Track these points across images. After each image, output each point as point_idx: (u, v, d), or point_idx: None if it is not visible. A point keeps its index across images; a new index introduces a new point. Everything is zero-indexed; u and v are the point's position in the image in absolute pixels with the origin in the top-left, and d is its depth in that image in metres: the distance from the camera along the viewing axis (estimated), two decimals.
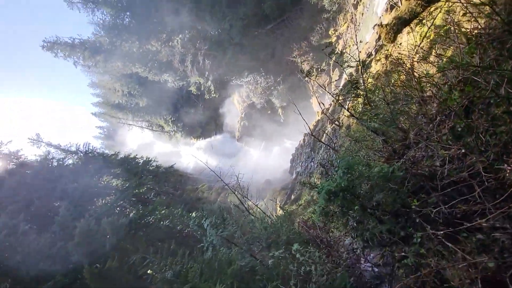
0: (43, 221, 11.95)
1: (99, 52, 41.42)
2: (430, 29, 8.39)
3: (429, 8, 11.56)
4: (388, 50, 11.46)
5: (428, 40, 7.43)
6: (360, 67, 5.71)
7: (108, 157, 17.59)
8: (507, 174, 2.79)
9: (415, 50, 5.83)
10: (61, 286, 8.43)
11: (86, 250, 9.89)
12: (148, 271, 7.61)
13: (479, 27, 3.76)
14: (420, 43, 6.22)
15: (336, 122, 9.59)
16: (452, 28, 4.10)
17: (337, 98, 5.61)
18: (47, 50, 40.45)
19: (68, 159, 17.20)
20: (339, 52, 23.59)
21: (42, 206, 12.58)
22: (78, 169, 15.71)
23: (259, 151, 43.02)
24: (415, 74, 3.93)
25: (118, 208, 14.55)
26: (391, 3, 15.86)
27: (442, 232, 2.72)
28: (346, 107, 5.44)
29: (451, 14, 6.29)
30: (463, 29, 3.99)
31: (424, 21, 10.93)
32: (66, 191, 13.41)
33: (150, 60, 42.10)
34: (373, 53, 14.37)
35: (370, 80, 6.79)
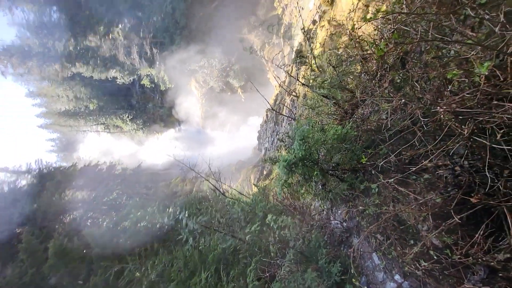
0: (6, 252, 11.10)
1: (30, 57, 36.75)
2: None
3: None
4: (329, 14, 11.62)
5: None
6: (305, 35, 5.74)
7: (65, 170, 16.37)
8: (442, 116, 3.06)
9: (354, 10, 5.98)
10: None
11: (64, 271, 9.45)
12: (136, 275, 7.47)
13: None
14: (358, 3, 6.37)
15: (293, 93, 9.77)
16: None
17: (287, 70, 5.64)
18: None
19: (21, 180, 15.78)
20: (285, 24, 23.37)
21: (1, 237, 11.55)
22: (34, 189, 14.48)
23: (226, 134, 42.67)
24: (354, 34, 4.04)
25: (89, 220, 13.85)
26: None
27: (393, 179, 2.95)
28: (299, 77, 5.50)
29: None
30: None
31: None
32: (25, 215, 12.39)
33: (92, 57, 38.44)
34: (317, 19, 14.45)
35: (318, 46, 6.88)
